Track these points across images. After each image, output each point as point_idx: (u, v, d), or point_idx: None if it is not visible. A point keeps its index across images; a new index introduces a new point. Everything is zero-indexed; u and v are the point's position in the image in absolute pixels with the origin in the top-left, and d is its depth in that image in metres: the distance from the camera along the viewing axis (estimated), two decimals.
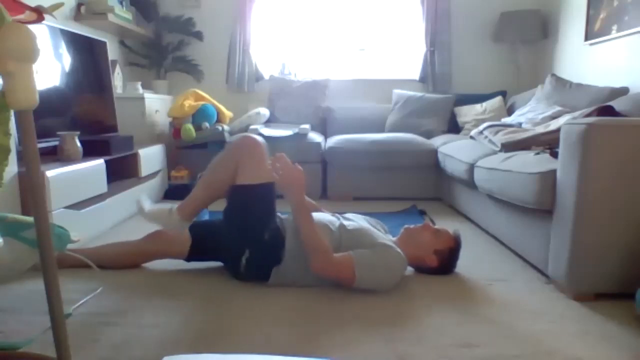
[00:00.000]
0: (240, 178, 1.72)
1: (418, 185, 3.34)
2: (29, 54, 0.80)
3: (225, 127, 3.61)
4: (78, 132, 2.34)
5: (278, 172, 1.62)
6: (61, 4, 0.94)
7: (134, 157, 2.86)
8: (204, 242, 1.85)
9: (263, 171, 1.71)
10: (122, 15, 3.45)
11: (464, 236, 1.90)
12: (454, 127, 3.75)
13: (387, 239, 1.78)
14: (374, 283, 1.65)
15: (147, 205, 1.85)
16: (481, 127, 2.79)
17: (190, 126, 3.43)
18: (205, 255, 1.89)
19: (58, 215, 1.99)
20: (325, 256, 1.61)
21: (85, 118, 2.68)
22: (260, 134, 3.33)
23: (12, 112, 0.89)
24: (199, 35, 4.10)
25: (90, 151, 2.45)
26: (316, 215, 1.83)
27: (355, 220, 1.86)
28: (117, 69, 3.49)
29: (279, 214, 1.82)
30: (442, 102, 3.78)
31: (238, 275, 1.77)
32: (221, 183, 1.77)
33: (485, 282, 1.80)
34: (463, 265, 1.91)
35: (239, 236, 1.72)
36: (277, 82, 3.95)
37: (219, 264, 1.92)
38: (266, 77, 4.16)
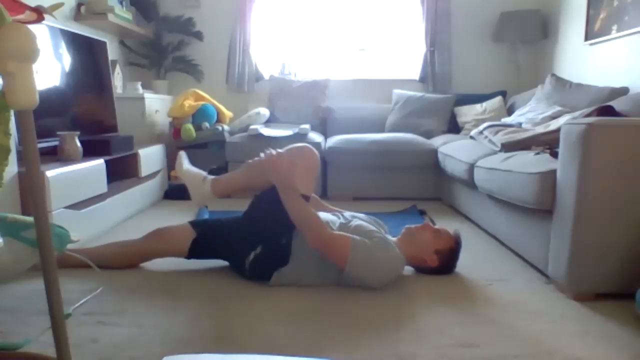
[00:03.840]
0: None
1: (418, 185, 3.34)
2: (29, 54, 0.80)
3: (225, 127, 3.61)
4: (78, 132, 2.34)
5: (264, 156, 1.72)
6: (61, 4, 0.94)
7: (134, 157, 2.86)
8: (207, 239, 1.85)
9: (309, 186, 1.76)
10: (122, 15, 3.45)
11: (464, 236, 1.90)
12: (454, 127, 3.75)
13: (387, 238, 1.78)
14: (364, 272, 1.64)
15: (186, 163, 1.89)
16: (481, 127, 2.79)
17: (190, 126, 3.43)
18: (207, 252, 1.89)
19: (58, 215, 1.99)
20: (320, 230, 1.62)
21: (85, 118, 2.68)
22: (261, 134, 3.33)
23: (12, 112, 0.89)
24: (199, 35, 4.10)
25: (90, 151, 2.45)
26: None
27: (356, 219, 1.86)
28: (117, 69, 3.50)
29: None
30: (442, 102, 3.78)
31: (241, 269, 1.77)
32: (264, 179, 1.77)
33: (485, 282, 1.80)
34: (463, 265, 1.91)
35: (259, 231, 1.74)
36: (277, 82, 3.95)
37: (219, 264, 1.92)
38: (266, 77, 4.16)
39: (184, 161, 1.91)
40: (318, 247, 1.64)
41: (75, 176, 2.15)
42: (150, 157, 3.06)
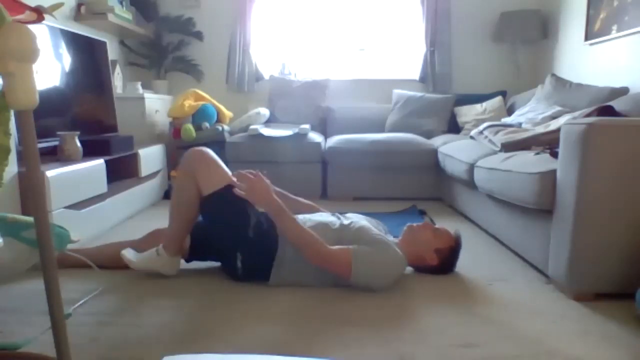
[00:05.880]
0: (203, 190, 1.71)
1: (418, 185, 3.34)
2: (29, 54, 0.80)
3: (225, 127, 3.61)
4: (78, 132, 2.34)
5: (242, 188, 1.67)
6: (61, 4, 0.94)
7: (134, 157, 2.86)
8: (202, 244, 1.85)
9: (219, 176, 1.72)
10: (122, 15, 3.45)
11: (464, 236, 1.90)
12: (454, 127, 3.75)
13: (388, 238, 1.78)
14: (369, 280, 1.65)
15: (132, 256, 1.81)
16: (481, 127, 2.79)
17: (190, 126, 3.43)
18: (205, 256, 1.89)
19: (58, 215, 1.99)
20: (317, 247, 1.61)
21: (85, 118, 2.68)
22: (261, 134, 3.33)
23: (12, 112, 0.89)
24: (199, 35, 4.10)
25: (90, 151, 2.45)
26: (316, 217, 1.84)
27: (356, 220, 1.86)
28: (117, 69, 3.49)
29: (258, 209, 1.78)
30: (442, 102, 3.78)
31: (238, 278, 1.76)
32: (190, 204, 1.74)
33: (485, 282, 1.80)
34: (463, 265, 1.91)
35: (226, 242, 1.72)
36: (277, 82, 3.95)
37: (218, 263, 1.92)
38: (266, 77, 4.16)
39: (130, 257, 1.81)
40: (317, 264, 1.64)
41: (75, 176, 2.15)
42: (150, 157, 3.06)
